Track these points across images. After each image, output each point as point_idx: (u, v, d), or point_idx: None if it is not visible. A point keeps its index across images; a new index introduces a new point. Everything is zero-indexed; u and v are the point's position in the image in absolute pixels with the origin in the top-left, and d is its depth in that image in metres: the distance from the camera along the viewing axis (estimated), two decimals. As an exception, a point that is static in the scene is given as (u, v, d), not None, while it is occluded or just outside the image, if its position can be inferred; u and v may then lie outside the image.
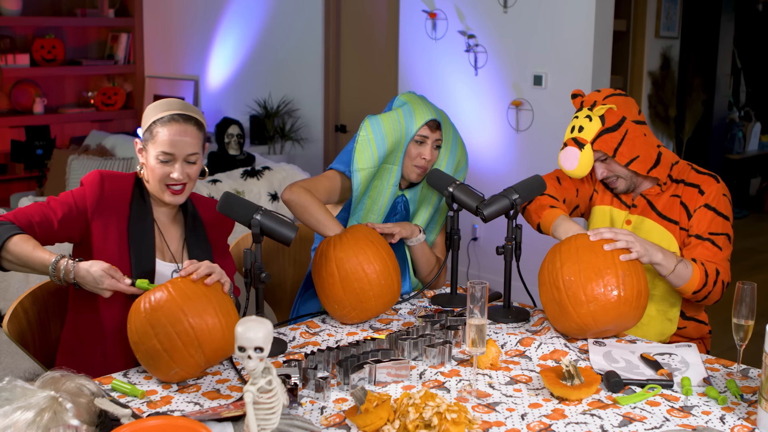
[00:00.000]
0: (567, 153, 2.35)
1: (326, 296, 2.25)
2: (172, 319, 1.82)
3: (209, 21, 6.78)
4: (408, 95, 2.55)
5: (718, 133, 7.47)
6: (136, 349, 1.87)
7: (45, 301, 2.27)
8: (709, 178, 2.36)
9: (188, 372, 1.86)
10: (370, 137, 2.44)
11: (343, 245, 2.23)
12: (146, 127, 2.11)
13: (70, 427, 1.39)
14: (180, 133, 2.07)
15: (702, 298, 2.27)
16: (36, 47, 6.73)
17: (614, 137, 2.31)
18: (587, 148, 2.32)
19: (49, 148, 6.13)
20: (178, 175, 2.08)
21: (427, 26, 5.24)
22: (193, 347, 1.82)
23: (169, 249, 2.17)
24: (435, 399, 1.64)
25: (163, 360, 1.83)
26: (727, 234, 2.32)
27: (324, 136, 6.09)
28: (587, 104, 2.38)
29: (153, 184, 2.11)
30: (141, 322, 1.84)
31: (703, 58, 7.12)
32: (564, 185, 2.51)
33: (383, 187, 2.50)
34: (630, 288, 2.07)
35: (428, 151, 2.50)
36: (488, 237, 5.16)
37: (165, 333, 1.81)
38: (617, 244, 2.11)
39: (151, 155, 2.09)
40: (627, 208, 2.44)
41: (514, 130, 4.91)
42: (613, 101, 2.35)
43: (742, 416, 1.73)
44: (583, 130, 2.33)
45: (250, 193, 4.24)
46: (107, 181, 2.09)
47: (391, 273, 2.26)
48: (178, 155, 2.08)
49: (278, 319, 2.88)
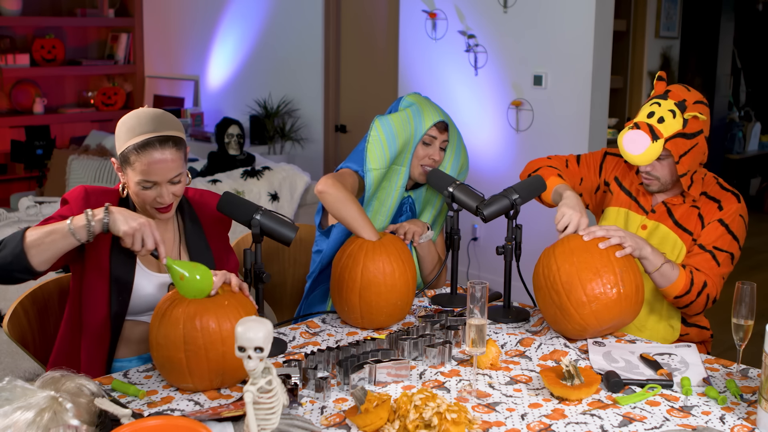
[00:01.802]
0: (637, 136, 2.24)
1: (340, 296, 2.24)
2: (208, 344, 1.77)
3: (209, 21, 6.78)
4: (415, 96, 2.54)
5: (718, 133, 7.48)
6: (156, 349, 1.83)
7: (45, 301, 2.27)
8: (731, 195, 2.34)
9: (199, 388, 1.84)
10: (381, 137, 2.43)
11: (375, 255, 2.20)
12: (121, 152, 1.98)
13: (70, 427, 1.39)
14: (159, 159, 1.95)
15: (684, 305, 2.27)
16: (36, 47, 6.73)
17: (686, 144, 2.24)
18: (660, 143, 2.22)
19: (49, 148, 6.13)
20: (164, 199, 2.00)
21: (427, 26, 5.24)
22: (216, 373, 1.81)
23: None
24: (435, 399, 1.64)
25: (181, 372, 1.80)
26: (731, 253, 2.30)
27: (324, 136, 6.09)
28: (674, 97, 2.27)
29: (138, 204, 2.04)
30: (174, 331, 1.78)
31: (703, 58, 7.12)
32: (571, 169, 2.51)
33: (391, 189, 2.50)
34: (629, 284, 2.07)
35: (436, 152, 2.50)
36: (488, 237, 5.16)
37: (195, 353, 1.78)
38: (611, 240, 2.12)
39: (131, 180, 1.99)
40: (644, 213, 2.41)
41: (514, 130, 4.91)
42: (702, 110, 2.27)
43: (741, 416, 1.73)
44: (663, 122, 2.23)
45: (250, 193, 4.24)
46: (92, 197, 2.01)
47: (409, 295, 2.25)
48: (161, 181, 1.98)
49: (278, 319, 2.88)
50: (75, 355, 2.06)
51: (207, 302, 1.82)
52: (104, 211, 1.86)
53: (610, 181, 2.50)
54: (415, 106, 2.49)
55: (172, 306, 1.82)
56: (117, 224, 1.85)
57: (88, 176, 5.37)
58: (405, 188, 2.55)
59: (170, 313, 1.81)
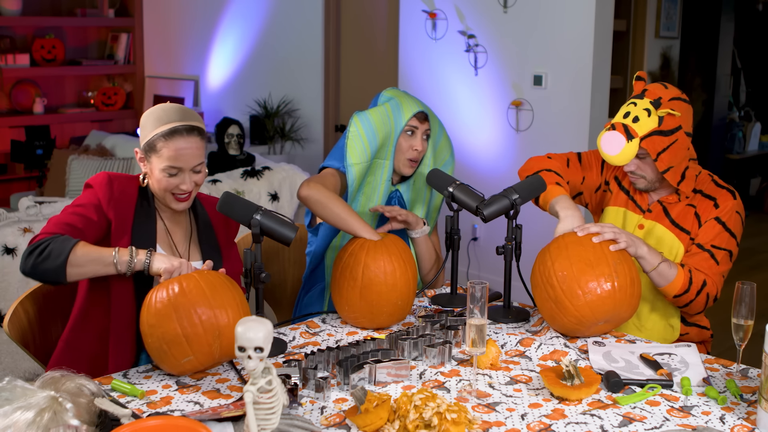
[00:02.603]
0: (612, 137, 2.27)
1: (341, 295, 2.24)
2: (198, 305, 1.84)
3: (209, 21, 6.78)
4: (392, 91, 2.55)
5: (718, 133, 7.47)
6: (150, 333, 1.86)
7: (45, 301, 2.27)
8: (726, 192, 2.35)
9: (201, 361, 1.87)
10: (360, 131, 2.44)
11: (377, 254, 2.21)
12: (147, 140, 2.09)
13: (70, 427, 1.39)
14: (185, 146, 2.08)
15: (683, 304, 2.28)
16: (36, 47, 6.73)
17: (663, 142, 2.25)
18: (635, 142, 2.25)
19: (49, 148, 6.13)
20: (187, 186, 2.10)
21: (427, 26, 5.24)
22: (212, 336, 1.84)
23: (177, 250, 2.18)
24: (435, 399, 1.64)
25: (179, 346, 1.84)
26: (729, 251, 2.30)
27: (324, 136, 6.09)
28: (650, 96, 2.29)
29: (159, 192, 2.12)
30: (163, 306, 1.85)
31: (703, 58, 7.12)
32: (572, 169, 2.51)
33: (377, 183, 2.50)
34: (623, 275, 2.08)
35: (419, 142, 2.51)
36: (488, 237, 5.16)
37: (188, 318, 1.83)
38: (605, 235, 2.13)
39: (155, 168, 2.09)
40: (641, 212, 2.42)
41: (514, 130, 4.91)
42: (678, 107, 2.27)
43: (741, 416, 1.73)
44: (638, 122, 2.25)
45: (250, 193, 4.24)
46: (116, 182, 2.10)
47: (410, 295, 2.25)
48: (185, 167, 2.09)
49: (278, 319, 2.88)
50: (80, 358, 2.07)
51: (191, 277, 1.90)
52: (147, 253, 1.97)
53: (610, 180, 2.50)
54: (394, 99, 2.51)
55: (157, 290, 1.90)
56: (160, 263, 1.96)
57: (88, 176, 5.37)
58: (391, 182, 2.55)
59: (157, 296, 1.88)
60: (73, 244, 1.94)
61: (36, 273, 1.95)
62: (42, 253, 1.93)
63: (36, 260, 1.93)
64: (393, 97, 2.52)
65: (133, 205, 2.11)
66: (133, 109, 7.33)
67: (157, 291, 1.89)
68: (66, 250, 1.92)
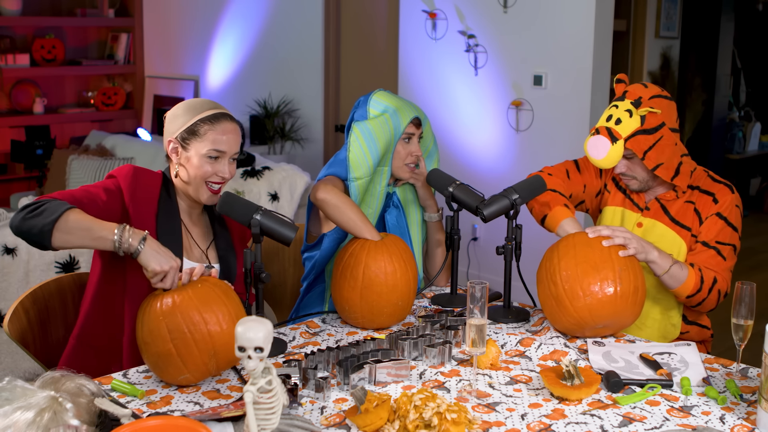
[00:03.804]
0: (597, 141, 2.29)
1: (341, 295, 2.24)
2: (190, 323, 1.79)
3: (209, 21, 6.78)
4: (386, 97, 2.49)
5: (718, 133, 7.48)
6: (145, 349, 1.84)
7: (45, 301, 2.27)
8: (724, 187, 2.35)
9: (197, 378, 1.85)
10: (362, 143, 2.41)
11: (377, 254, 2.21)
12: (187, 126, 2.10)
13: (70, 427, 1.39)
14: (229, 131, 2.12)
15: (696, 303, 2.28)
16: (36, 47, 6.73)
17: (648, 140, 2.26)
18: (620, 144, 2.27)
19: (49, 148, 6.13)
20: (225, 173, 2.12)
21: (427, 26, 5.24)
22: (207, 354, 1.81)
23: (198, 246, 2.18)
24: (435, 399, 1.64)
25: (174, 364, 1.81)
26: (733, 245, 2.31)
27: (324, 136, 6.09)
28: (631, 96, 2.30)
29: (193, 182, 2.12)
30: (156, 323, 1.80)
31: (703, 58, 7.12)
32: (573, 179, 2.50)
33: (376, 191, 2.50)
34: (627, 283, 2.07)
35: (416, 147, 2.51)
36: (488, 237, 5.16)
37: (182, 338, 1.78)
38: (615, 240, 2.12)
39: (195, 153, 2.10)
40: (639, 211, 2.42)
41: (514, 130, 4.91)
42: (658, 104, 2.28)
43: (741, 416, 1.74)
44: (620, 124, 2.27)
45: (250, 193, 4.24)
46: (140, 175, 2.09)
47: (410, 295, 2.25)
48: (228, 152, 2.12)
49: (278, 319, 2.88)
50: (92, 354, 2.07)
51: (183, 291, 1.84)
52: (141, 239, 1.88)
53: (608, 182, 2.51)
54: (390, 107, 2.47)
55: (149, 304, 1.85)
56: (149, 259, 1.87)
57: (88, 176, 5.37)
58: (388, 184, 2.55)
59: (150, 311, 1.83)
60: (68, 208, 1.88)
61: (22, 229, 1.87)
62: (35, 210, 1.87)
63: (26, 215, 1.86)
64: (389, 105, 2.49)
65: (156, 199, 2.10)
66: (133, 109, 7.33)
67: (150, 305, 1.84)
68: (59, 212, 1.86)
